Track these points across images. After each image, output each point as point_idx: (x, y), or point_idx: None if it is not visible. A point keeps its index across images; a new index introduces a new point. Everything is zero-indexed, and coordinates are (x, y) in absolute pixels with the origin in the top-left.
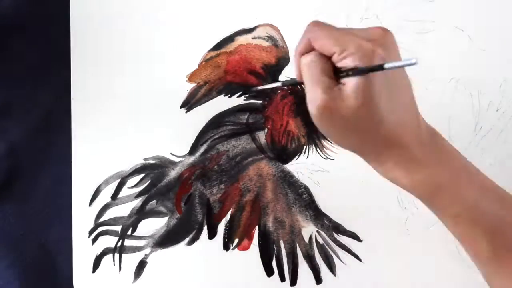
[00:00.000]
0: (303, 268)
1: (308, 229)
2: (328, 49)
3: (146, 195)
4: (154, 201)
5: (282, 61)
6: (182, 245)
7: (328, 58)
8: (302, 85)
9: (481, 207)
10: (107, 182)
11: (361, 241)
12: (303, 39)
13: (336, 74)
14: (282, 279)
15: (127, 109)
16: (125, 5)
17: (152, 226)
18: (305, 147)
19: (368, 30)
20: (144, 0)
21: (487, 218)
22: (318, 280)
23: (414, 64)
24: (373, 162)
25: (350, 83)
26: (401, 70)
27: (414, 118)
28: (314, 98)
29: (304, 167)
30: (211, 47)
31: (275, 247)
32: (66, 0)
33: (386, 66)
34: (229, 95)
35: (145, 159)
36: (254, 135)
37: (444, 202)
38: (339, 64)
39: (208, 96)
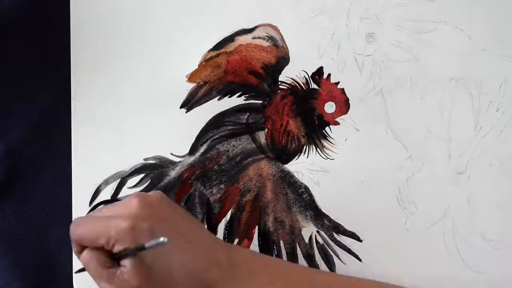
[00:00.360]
0: None
1: (308, 229)
2: (96, 243)
3: None
4: None
5: (282, 61)
6: None
7: (101, 249)
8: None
9: None
10: (107, 182)
11: (361, 241)
12: (72, 241)
13: (115, 259)
14: None
15: (127, 109)
16: (125, 5)
17: None
18: (305, 147)
19: (126, 204)
20: (144, 0)
21: None
22: None
23: (163, 242)
24: None
25: (127, 266)
26: (174, 221)
27: (204, 258)
28: None
29: (304, 167)
30: (211, 47)
31: (275, 247)
32: (66, 0)
33: (147, 245)
34: (229, 95)
35: (145, 159)
36: (254, 135)
37: None
38: (114, 251)
39: (208, 96)
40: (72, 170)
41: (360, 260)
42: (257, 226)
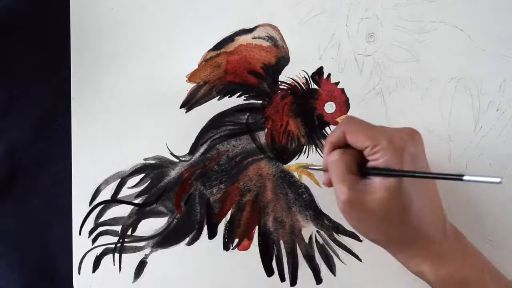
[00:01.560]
0: (303, 268)
1: (308, 229)
2: (361, 144)
3: (146, 195)
4: (154, 201)
5: (282, 61)
6: (182, 245)
7: (352, 155)
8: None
9: None
10: (107, 182)
11: (361, 241)
12: (337, 130)
13: (363, 169)
14: (282, 279)
15: (127, 109)
16: (125, 5)
17: (152, 226)
18: (305, 147)
19: (399, 129)
20: (144, 0)
21: None
22: (318, 280)
23: (499, 183)
24: (402, 256)
25: (377, 180)
26: (426, 166)
27: (440, 214)
28: (340, 193)
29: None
30: (211, 47)
31: (275, 247)
32: (66, 0)
33: (465, 178)
34: (229, 95)
35: (145, 159)
36: (254, 135)
37: None
38: (370, 158)
39: (208, 96)
40: (72, 170)
41: (360, 260)
42: (257, 226)
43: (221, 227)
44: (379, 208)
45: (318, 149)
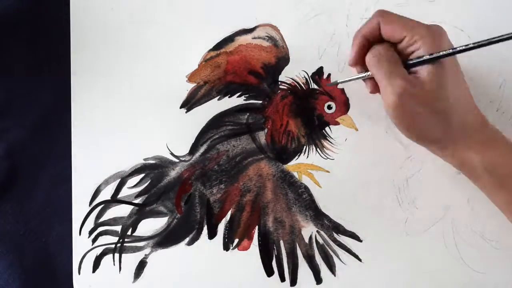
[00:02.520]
0: (303, 268)
1: (308, 229)
2: (399, 34)
3: (146, 195)
4: (154, 201)
5: (282, 61)
6: (182, 245)
7: (394, 50)
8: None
9: None
10: (107, 182)
11: (361, 241)
12: (371, 21)
13: (407, 61)
14: (282, 279)
15: (127, 109)
16: (125, 6)
17: (152, 226)
18: (305, 147)
19: (426, 24)
20: (144, 0)
21: None
22: (318, 280)
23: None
24: (450, 149)
25: (424, 69)
26: (457, 64)
27: (474, 103)
28: (392, 87)
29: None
30: (211, 47)
31: (275, 247)
32: (66, 0)
33: (470, 45)
34: (229, 95)
35: (145, 159)
36: (254, 135)
37: None
38: (409, 49)
39: (208, 96)
40: (72, 170)
41: (360, 260)
42: (257, 226)
43: (221, 227)
44: (432, 98)
45: (318, 149)
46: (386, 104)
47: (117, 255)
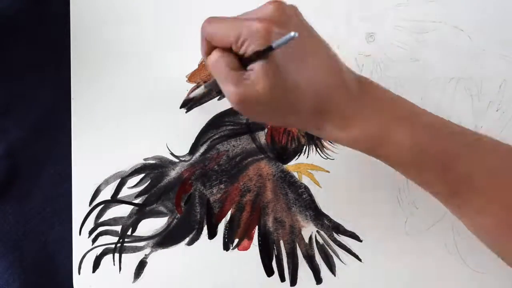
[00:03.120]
0: (303, 268)
1: (308, 229)
2: (225, 41)
3: (146, 195)
4: (154, 201)
5: None
6: (182, 245)
7: (230, 51)
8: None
9: (427, 150)
10: (107, 182)
11: (361, 241)
12: (201, 40)
13: (243, 63)
14: (282, 279)
15: (127, 109)
16: (125, 5)
17: (152, 226)
18: (305, 147)
19: (261, 9)
20: (144, 0)
21: (435, 159)
22: (318, 280)
23: (293, 37)
24: (314, 131)
25: (255, 68)
26: (310, 35)
27: (337, 76)
28: (227, 93)
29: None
30: None
31: (275, 247)
32: (66, 0)
33: (274, 45)
34: None
35: (145, 159)
36: (254, 135)
37: (387, 152)
38: (240, 52)
39: (208, 96)
40: (72, 170)
41: (360, 260)
42: (257, 226)
43: (221, 227)
44: (269, 95)
45: (318, 149)
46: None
47: (117, 255)
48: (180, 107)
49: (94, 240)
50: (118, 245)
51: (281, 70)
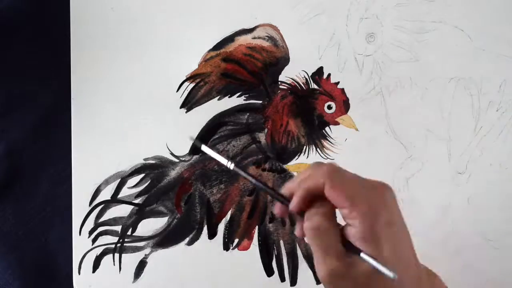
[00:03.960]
0: (303, 268)
1: None
2: (339, 203)
3: (146, 195)
4: (154, 201)
5: (282, 61)
6: (182, 245)
7: (332, 212)
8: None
9: None
10: (107, 182)
11: None
12: (317, 177)
13: (346, 242)
14: (282, 279)
15: (127, 109)
16: (125, 6)
17: (152, 226)
18: (305, 147)
19: (374, 184)
20: (144, 0)
21: None
22: (318, 280)
23: (391, 277)
24: None
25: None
26: (401, 218)
27: (415, 267)
28: (325, 265)
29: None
30: (211, 47)
31: (275, 247)
32: (66, 0)
33: (377, 266)
34: (229, 95)
35: (145, 159)
36: (254, 135)
37: None
38: (347, 221)
39: (208, 96)
40: (72, 170)
41: None
42: (257, 226)
43: (221, 227)
44: (366, 281)
45: (318, 149)
46: (319, 275)
47: (117, 255)
48: (180, 107)
49: (94, 240)
50: (118, 245)
51: (385, 260)
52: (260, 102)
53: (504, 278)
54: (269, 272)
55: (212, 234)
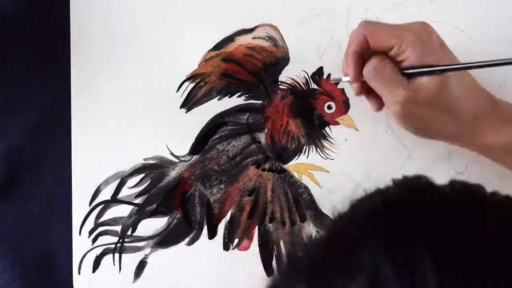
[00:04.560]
0: None
1: (308, 229)
2: (386, 44)
3: (146, 195)
4: (154, 201)
5: (282, 61)
6: (182, 245)
7: (391, 58)
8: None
9: None
10: (107, 182)
11: None
12: (357, 36)
13: (405, 70)
14: None
15: (127, 109)
16: (125, 5)
17: (152, 226)
18: (305, 147)
19: (413, 23)
20: (144, 0)
21: None
22: None
23: None
24: (467, 138)
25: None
26: (450, 52)
27: (478, 86)
28: (394, 96)
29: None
30: (211, 47)
31: (275, 247)
32: (66, 0)
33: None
34: (229, 95)
35: (145, 159)
36: (254, 135)
37: None
38: (400, 57)
39: (208, 96)
40: (72, 170)
41: None
42: (257, 226)
43: (221, 227)
44: (436, 99)
45: (318, 149)
46: (391, 113)
47: (117, 255)
48: (180, 107)
49: (94, 240)
50: (118, 245)
51: (447, 76)
52: (260, 102)
53: None
54: (269, 272)
55: (212, 234)
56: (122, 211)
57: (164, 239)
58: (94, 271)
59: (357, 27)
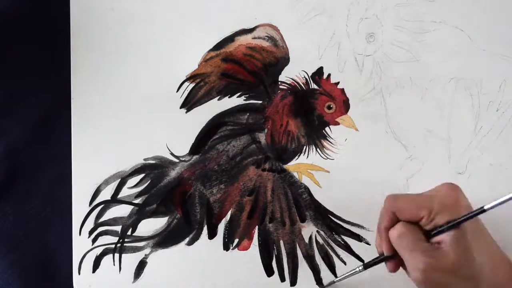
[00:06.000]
0: (303, 268)
1: (308, 229)
2: (416, 216)
3: (146, 195)
4: (154, 201)
5: (282, 61)
6: (182, 245)
7: (415, 224)
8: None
9: None
10: (107, 182)
11: (361, 241)
12: (386, 214)
13: (427, 236)
14: (282, 279)
15: (127, 109)
16: (125, 6)
17: (152, 226)
18: (305, 147)
19: (440, 188)
20: (144, 0)
21: None
22: (318, 280)
23: (510, 198)
24: None
25: (446, 239)
26: (477, 222)
27: (501, 254)
28: (416, 264)
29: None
30: (211, 47)
31: (275, 247)
32: (66, 0)
33: (486, 207)
34: (229, 95)
35: (145, 159)
36: (254, 135)
37: None
38: (429, 226)
39: (208, 96)
40: (72, 170)
41: (360, 260)
42: (257, 226)
43: (221, 227)
44: (458, 266)
45: (318, 149)
46: (413, 279)
47: (117, 255)
48: (180, 107)
49: (94, 240)
50: (118, 245)
51: (470, 242)
52: (260, 102)
53: None
54: (269, 272)
55: (212, 234)
56: (122, 211)
57: (164, 239)
58: (94, 271)
59: (384, 202)
